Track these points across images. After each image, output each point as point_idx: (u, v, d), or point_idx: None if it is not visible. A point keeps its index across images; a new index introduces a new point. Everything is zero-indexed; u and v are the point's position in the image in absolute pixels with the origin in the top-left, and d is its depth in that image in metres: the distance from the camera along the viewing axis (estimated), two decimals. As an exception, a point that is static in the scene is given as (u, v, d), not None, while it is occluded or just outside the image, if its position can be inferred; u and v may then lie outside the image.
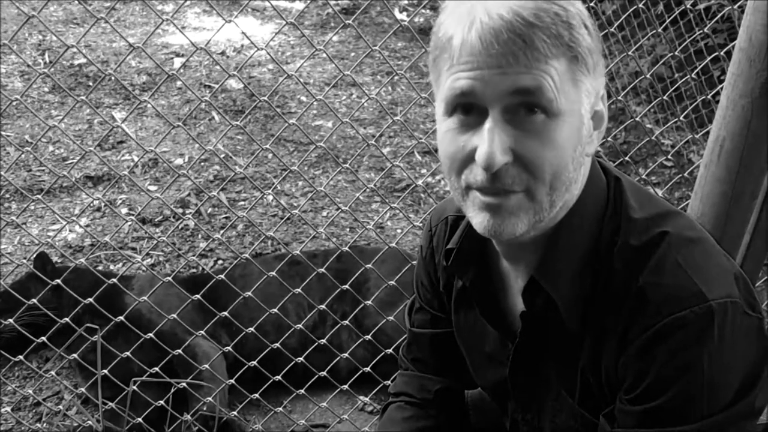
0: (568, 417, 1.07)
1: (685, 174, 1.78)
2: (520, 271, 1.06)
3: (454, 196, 0.97)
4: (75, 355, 1.77)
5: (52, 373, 1.82)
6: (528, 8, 0.82)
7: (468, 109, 0.88)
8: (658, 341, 0.89)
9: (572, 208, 0.97)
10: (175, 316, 1.75)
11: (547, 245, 0.99)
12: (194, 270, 2.79)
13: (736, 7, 2.24)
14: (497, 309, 1.13)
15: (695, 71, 1.83)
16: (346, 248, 1.81)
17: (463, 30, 0.85)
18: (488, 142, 0.85)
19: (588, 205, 0.98)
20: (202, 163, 3.53)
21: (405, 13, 5.52)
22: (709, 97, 1.67)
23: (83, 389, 1.84)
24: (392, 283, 1.84)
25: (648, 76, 1.54)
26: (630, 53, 1.47)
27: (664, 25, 2.62)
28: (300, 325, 1.90)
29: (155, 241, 2.92)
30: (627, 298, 0.92)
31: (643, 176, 2.44)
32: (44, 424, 2.08)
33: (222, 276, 1.75)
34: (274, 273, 1.77)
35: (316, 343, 1.94)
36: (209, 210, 3.17)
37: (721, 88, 1.48)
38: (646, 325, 0.90)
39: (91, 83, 4.35)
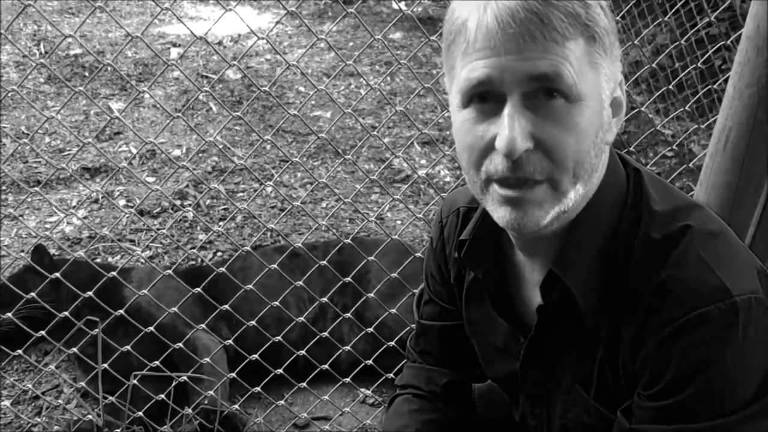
0: (581, 412, 1.06)
1: (690, 165, 1.76)
2: (537, 264, 1.05)
3: (474, 192, 0.95)
4: (75, 349, 1.76)
5: (51, 367, 1.80)
6: None
7: (484, 97, 0.86)
8: (679, 336, 0.88)
9: (591, 199, 0.95)
10: (176, 309, 1.74)
11: (565, 237, 0.97)
12: (193, 262, 2.77)
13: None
14: (510, 302, 1.11)
15: (700, 61, 1.81)
16: (348, 240, 1.80)
17: (479, 12, 0.83)
18: (509, 127, 0.83)
19: (607, 197, 0.96)
20: (200, 154, 3.51)
21: (403, 3, 5.49)
22: (715, 87, 1.65)
23: (83, 383, 1.83)
24: (395, 275, 1.83)
25: (654, 65, 1.52)
26: (635, 42, 1.45)
27: (667, 16, 2.60)
28: (302, 318, 1.89)
29: (154, 233, 2.90)
30: (647, 291, 0.91)
31: (650, 169, 2.43)
32: (44, 418, 2.07)
33: (223, 269, 1.73)
34: (275, 266, 1.75)
35: (317, 337, 1.93)
36: (208, 201, 3.15)
37: (722, 77, 1.47)
38: (668, 319, 0.88)
39: (87, 74, 4.31)
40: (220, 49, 4.79)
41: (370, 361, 1.94)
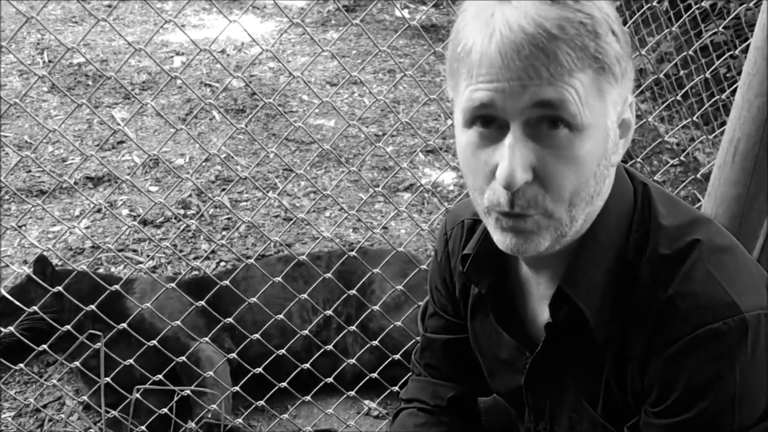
0: (588, 428, 1.04)
1: (698, 176, 1.74)
2: (543, 278, 1.03)
3: (477, 210, 0.94)
4: (77, 363, 1.75)
5: (54, 380, 1.78)
6: (551, 18, 0.77)
7: (488, 120, 0.84)
8: (688, 353, 0.86)
9: (598, 216, 0.94)
10: (179, 323, 1.72)
11: (573, 254, 0.96)
12: (196, 272, 2.76)
13: (744, 8, 2.21)
14: (514, 317, 1.10)
15: (704, 69, 1.79)
16: (353, 253, 1.78)
17: (482, 43, 0.80)
18: (509, 159, 0.81)
19: (615, 213, 0.95)
20: (203, 163, 3.50)
21: (407, 11, 5.49)
22: (723, 96, 1.64)
23: (85, 397, 1.81)
24: (400, 288, 1.81)
25: (661, 76, 1.50)
26: (643, 53, 1.44)
27: (675, 25, 2.58)
28: (306, 332, 1.87)
29: (156, 244, 2.89)
30: (656, 307, 0.90)
31: (655, 177, 2.41)
32: (46, 432, 2.05)
33: (226, 282, 1.72)
34: (279, 279, 1.74)
35: (322, 350, 1.91)
36: (211, 211, 3.14)
37: (727, 85, 1.45)
38: (676, 335, 0.87)
39: (90, 82, 4.31)
40: (224, 58, 4.79)
41: (375, 374, 1.92)
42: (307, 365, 1.89)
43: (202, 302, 1.75)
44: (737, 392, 0.86)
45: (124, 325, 1.70)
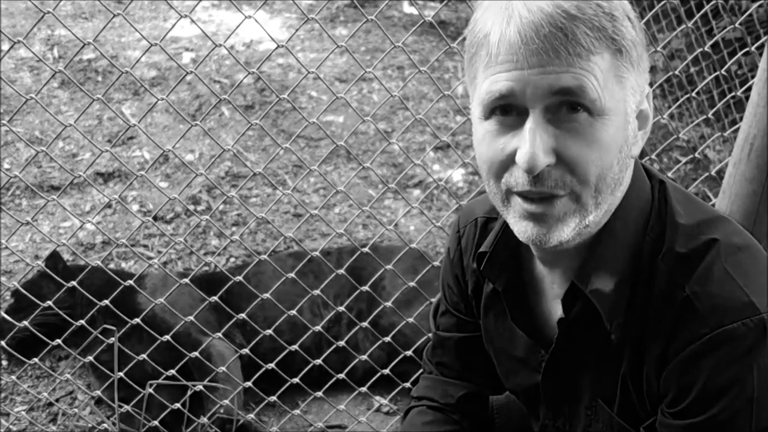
0: (605, 426, 1.04)
1: (712, 173, 1.74)
2: (557, 276, 1.03)
3: (494, 202, 0.94)
4: (90, 358, 1.75)
5: (67, 376, 1.79)
6: (569, 0, 0.80)
7: (507, 109, 0.85)
8: (705, 354, 0.86)
9: (615, 212, 0.94)
10: (192, 318, 1.73)
11: (588, 250, 0.95)
12: (206, 268, 2.76)
13: (756, 5, 2.20)
14: (529, 314, 1.10)
15: (716, 66, 1.78)
16: (366, 249, 1.78)
17: (501, 25, 0.82)
18: (530, 142, 0.82)
19: (631, 210, 0.95)
20: (213, 159, 3.50)
21: (414, 8, 5.48)
22: (739, 93, 1.63)
23: (98, 391, 1.82)
24: (412, 284, 1.81)
25: (676, 72, 1.50)
26: (659, 49, 1.43)
27: (691, 21, 2.57)
28: (318, 327, 1.87)
29: (167, 239, 2.89)
30: (672, 307, 0.89)
31: (668, 175, 2.40)
32: (59, 427, 2.06)
33: (239, 278, 1.72)
34: (292, 275, 1.74)
35: (334, 346, 1.91)
36: (221, 207, 3.14)
37: (739, 83, 1.44)
38: (693, 336, 0.86)
39: (100, 78, 4.32)
40: (234, 54, 4.79)
41: (387, 371, 1.92)
42: (319, 361, 1.89)
43: (215, 297, 1.75)
44: (755, 393, 0.85)
45: (137, 320, 1.71)
